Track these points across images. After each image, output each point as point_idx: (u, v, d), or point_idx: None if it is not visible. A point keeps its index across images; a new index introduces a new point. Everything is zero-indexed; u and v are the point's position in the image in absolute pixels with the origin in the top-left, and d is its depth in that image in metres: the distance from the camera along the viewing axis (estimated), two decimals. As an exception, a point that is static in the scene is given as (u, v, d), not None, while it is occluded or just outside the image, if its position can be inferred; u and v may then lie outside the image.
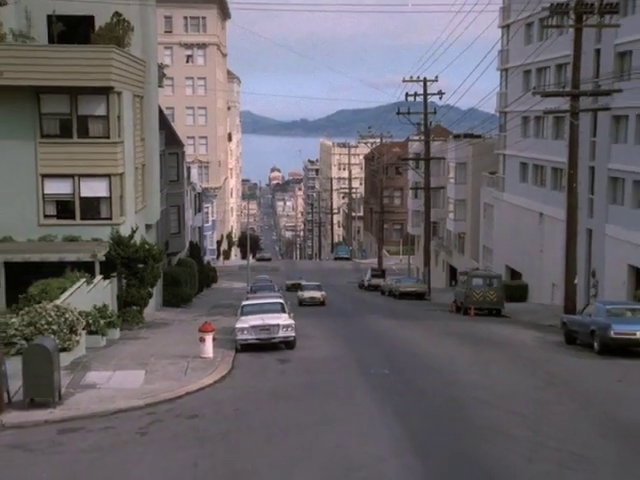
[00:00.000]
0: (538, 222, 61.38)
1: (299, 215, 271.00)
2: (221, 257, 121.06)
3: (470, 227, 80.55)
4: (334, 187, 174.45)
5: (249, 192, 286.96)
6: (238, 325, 33.70)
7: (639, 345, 31.08)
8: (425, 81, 68.03)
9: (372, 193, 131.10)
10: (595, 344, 31.94)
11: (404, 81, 68.13)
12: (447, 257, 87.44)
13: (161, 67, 52.69)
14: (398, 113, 70.00)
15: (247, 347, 32.84)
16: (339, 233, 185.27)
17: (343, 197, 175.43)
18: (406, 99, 69.00)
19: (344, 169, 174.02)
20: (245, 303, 37.98)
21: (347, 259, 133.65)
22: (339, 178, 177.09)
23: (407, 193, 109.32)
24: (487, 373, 28.61)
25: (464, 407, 23.46)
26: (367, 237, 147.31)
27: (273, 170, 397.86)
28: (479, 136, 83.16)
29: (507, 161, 70.09)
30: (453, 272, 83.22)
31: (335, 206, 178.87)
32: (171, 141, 58.13)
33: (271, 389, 26.19)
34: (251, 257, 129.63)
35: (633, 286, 47.23)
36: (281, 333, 33.30)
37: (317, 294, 59.88)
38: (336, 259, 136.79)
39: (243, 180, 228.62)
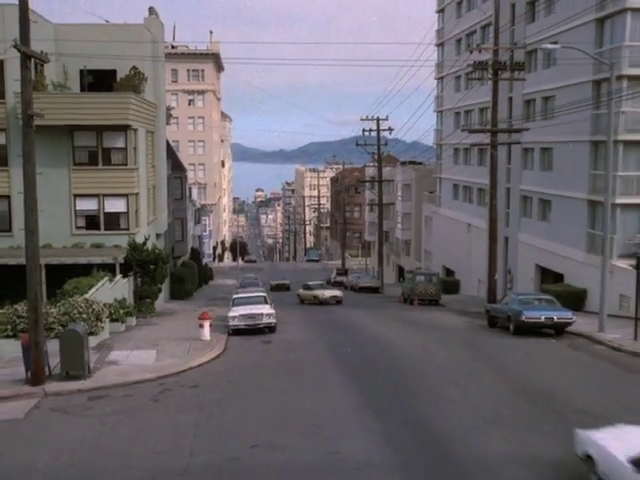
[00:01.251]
0: (467, 231, 61.73)
1: (278, 226, 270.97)
2: (216, 259, 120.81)
3: (414, 235, 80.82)
4: (306, 203, 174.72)
5: (238, 208, 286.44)
6: (230, 314, 33.91)
7: (544, 327, 31.44)
8: (378, 120, 68.31)
9: (336, 208, 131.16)
10: (511, 326, 32.27)
11: (362, 120, 68.33)
12: (396, 259, 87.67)
13: (168, 109, 52.80)
14: (357, 145, 70.30)
15: (237, 331, 33.04)
16: (310, 240, 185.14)
17: (313, 211, 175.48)
18: (363, 134, 69.25)
19: (314, 189, 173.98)
20: (235, 296, 38.19)
21: (317, 261, 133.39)
22: (310, 196, 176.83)
23: (364, 208, 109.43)
24: (427, 350, 28.88)
25: (410, 377, 23.70)
26: (333, 243, 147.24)
27: (258, 190, 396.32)
28: (420, 163, 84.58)
29: (442, 183, 70.38)
30: (401, 271, 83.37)
31: (307, 219, 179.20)
32: (176, 167, 58.10)
33: (256, 364, 26.41)
34: (240, 259, 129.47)
35: (539, 280, 47.86)
36: (264, 320, 33.60)
37: (335, 292, 53.83)
38: (308, 261, 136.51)
39: (234, 198, 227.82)
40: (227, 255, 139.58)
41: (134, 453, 16.02)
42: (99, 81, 40.16)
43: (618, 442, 12.83)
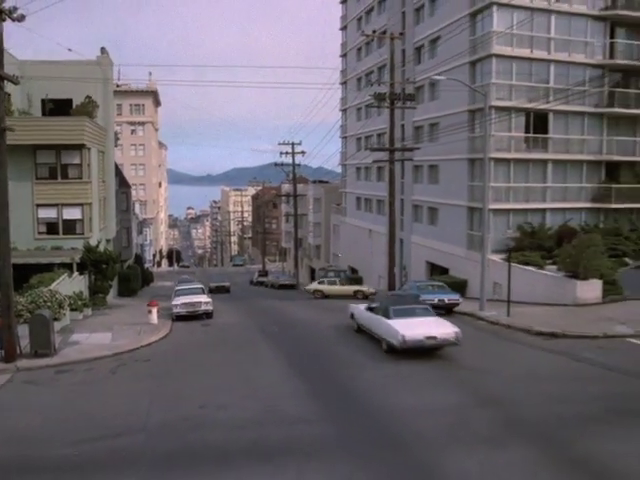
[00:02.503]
0: (368, 236, 62.31)
1: (207, 239, 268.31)
2: (155, 265, 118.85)
3: (324, 241, 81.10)
4: (231, 218, 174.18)
5: (172, 223, 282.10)
6: (173, 302, 33.55)
7: (437, 307, 31.95)
8: (293, 144, 68.38)
9: (257, 221, 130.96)
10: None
11: (279, 144, 68.34)
12: (309, 261, 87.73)
13: (116, 134, 51.81)
14: (276, 165, 69.98)
15: (180, 318, 32.58)
16: (235, 249, 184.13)
17: (237, 224, 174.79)
18: (280, 155, 69.20)
19: (238, 206, 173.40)
20: (177, 288, 37.80)
21: (241, 265, 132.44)
22: (234, 211, 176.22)
23: (281, 220, 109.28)
24: (337, 328, 29.00)
25: (326, 347, 23.91)
26: (254, 250, 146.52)
27: (189, 208, 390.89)
28: (327, 182, 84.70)
29: (347, 196, 70.86)
30: (313, 272, 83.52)
31: (232, 231, 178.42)
32: (122, 184, 57.09)
33: (198, 342, 26.24)
34: (176, 265, 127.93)
35: (429, 274, 48.67)
36: (203, 307, 33.33)
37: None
38: (234, 265, 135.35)
39: (169, 215, 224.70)
40: (164, 262, 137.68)
41: (99, 415, 15.73)
42: (58, 108, 39.33)
43: (362, 306, 26.52)
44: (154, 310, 29.87)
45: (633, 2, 42.00)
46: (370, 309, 25.18)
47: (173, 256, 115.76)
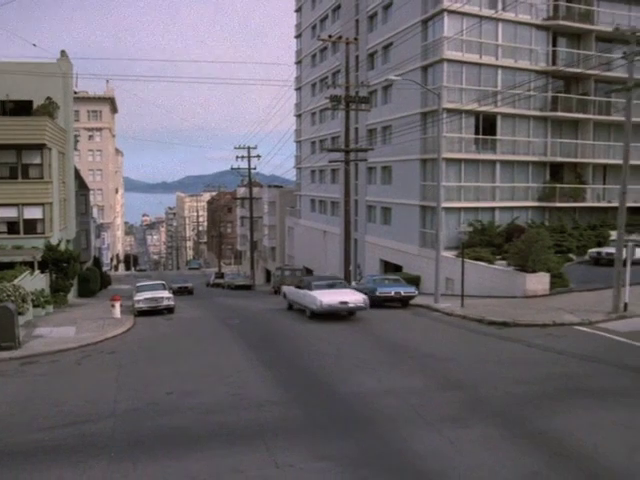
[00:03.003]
0: (323, 237, 62.30)
1: (162, 244, 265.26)
2: (112, 269, 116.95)
3: (279, 243, 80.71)
4: (187, 223, 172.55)
5: (128, 230, 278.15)
6: (135, 298, 32.93)
7: (393, 300, 32.02)
8: (249, 148, 67.91)
9: (212, 225, 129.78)
10: (368, 301, 32.79)
11: (235, 148, 67.60)
12: (264, 263, 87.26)
13: (76, 136, 50.77)
14: (232, 168, 69.38)
15: (142, 313, 31.92)
16: (191, 253, 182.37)
17: (193, 229, 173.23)
18: (236, 159, 68.33)
19: (194, 211, 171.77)
20: (139, 284, 37.13)
21: (197, 269, 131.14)
22: (190, 216, 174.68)
23: (236, 224, 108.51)
24: (291, 318, 28.81)
25: (289, 338, 23.65)
26: (210, 254, 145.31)
27: (144, 215, 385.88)
28: (281, 187, 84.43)
29: (302, 199, 70.72)
30: (268, 273, 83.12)
31: (187, 236, 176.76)
32: (81, 186, 55.86)
33: (162, 334, 25.71)
34: (133, 269, 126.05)
35: (383, 271, 48.74)
36: (165, 302, 32.81)
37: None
38: (190, 269, 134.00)
39: (125, 222, 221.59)
40: (121, 266, 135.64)
41: (66, 402, 15.12)
42: (18, 109, 38.18)
43: (292, 287, 29.84)
44: (117, 304, 29.22)
45: (573, 13, 42.90)
46: (298, 287, 30.09)
47: (130, 260, 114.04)
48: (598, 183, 44.43)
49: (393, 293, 31.41)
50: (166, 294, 33.49)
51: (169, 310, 32.97)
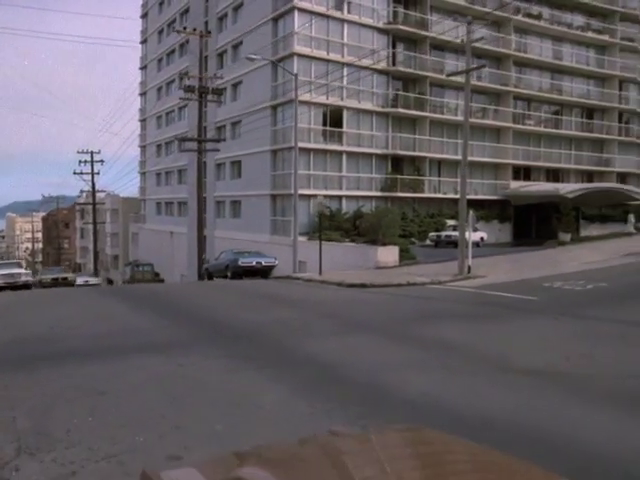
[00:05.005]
0: (170, 238, 60.37)
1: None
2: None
3: (122, 250, 77.25)
4: (18, 242, 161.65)
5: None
6: None
7: (255, 270, 31.43)
8: (92, 153, 64.26)
9: (48, 242, 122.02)
10: (228, 273, 31.80)
11: (78, 152, 63.71)
12: (106, 273, 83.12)
13: None
14: (75, 173, 64.85)
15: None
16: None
17: (25, 250, 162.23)
18: (79, 164, 64.36)
19: (27, 232, 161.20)
20: None
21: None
22: (21, 235, 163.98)
23: (76, 236, 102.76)
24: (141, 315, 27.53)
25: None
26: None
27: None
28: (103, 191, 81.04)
29: (147, 203, 68.16)
30: (111, 282, 79.15)
31: (20, 255, 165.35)
32: None
33: (29, 297, 23.98)
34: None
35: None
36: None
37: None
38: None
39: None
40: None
41: None
42: None
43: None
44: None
45: (410, 19, 45.03)
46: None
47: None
48: (434, 176, 46.53)
49: (255, 263, 30.94)
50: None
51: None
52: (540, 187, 49.95)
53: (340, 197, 42.67)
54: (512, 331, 13.26)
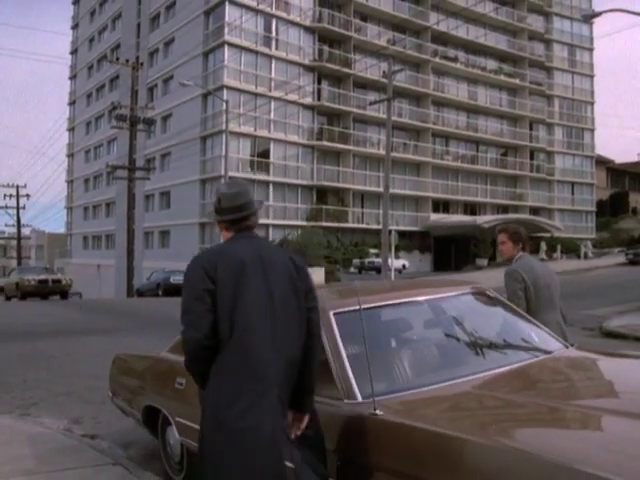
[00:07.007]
0: (97, 271, 59.62)
1: None
2: None
3: (46, 287, 75.57)
4: None
5: None
6: None
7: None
8: (17, 187, 63.39)
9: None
10: (160, 291, 32.05)
11: (2, 186, 62.91)
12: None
13: None
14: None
15: None
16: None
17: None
18: (4, 198, 63.44)
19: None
20: None
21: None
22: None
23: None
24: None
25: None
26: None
27: None
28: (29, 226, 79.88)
29: (73, 238, 67.08)
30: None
31: None
32: None
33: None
34: None
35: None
36: None
37: None
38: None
39: None
40: None
41: None
42: None
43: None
44: None
45: (335, 58, 47.01)
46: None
47: None
48: (358, 207, 48.04)
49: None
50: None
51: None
52: (458, 219, 52.22)
53: (267, 226, 43.52)
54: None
